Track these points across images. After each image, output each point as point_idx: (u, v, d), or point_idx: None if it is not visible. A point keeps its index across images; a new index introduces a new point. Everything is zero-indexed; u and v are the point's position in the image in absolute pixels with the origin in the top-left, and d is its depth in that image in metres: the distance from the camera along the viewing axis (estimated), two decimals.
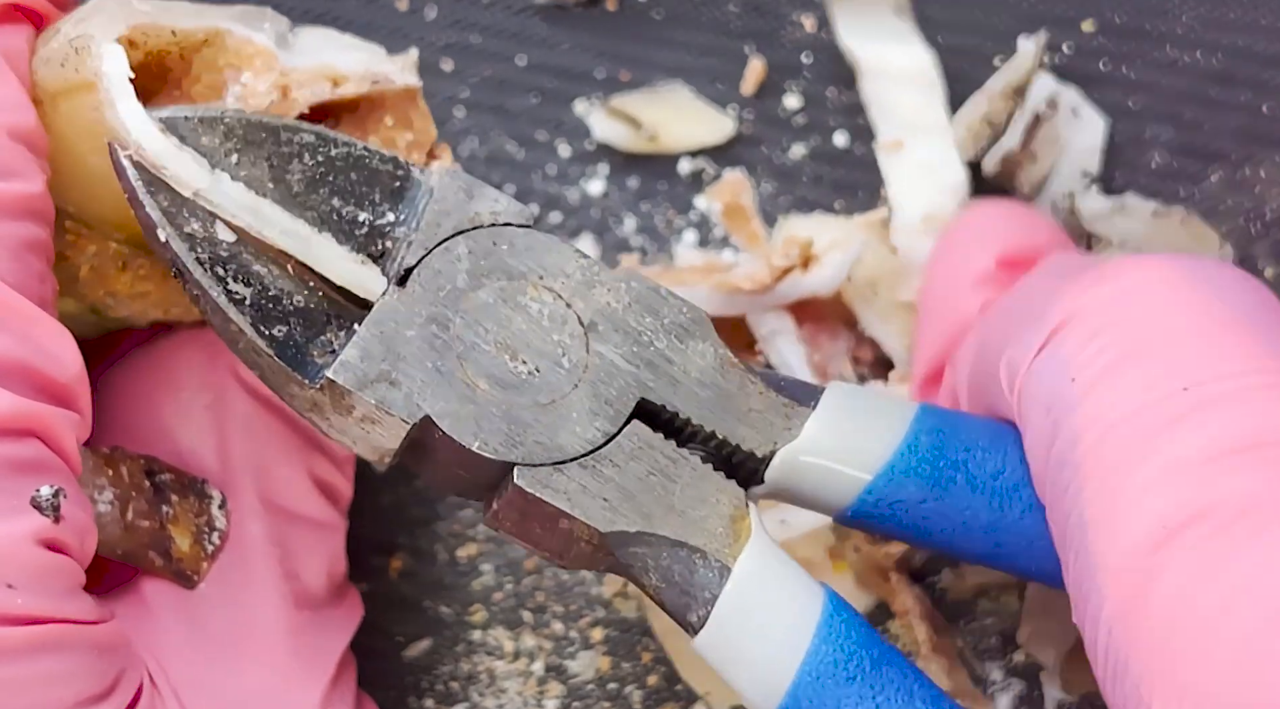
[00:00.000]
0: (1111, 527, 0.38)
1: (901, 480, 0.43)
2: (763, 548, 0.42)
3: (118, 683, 0.40)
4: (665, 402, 0.43)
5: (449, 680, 0.53)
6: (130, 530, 0.44)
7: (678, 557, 0.41)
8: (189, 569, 0.44)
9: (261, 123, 0.42)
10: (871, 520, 0.44)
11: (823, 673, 0.40)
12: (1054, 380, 0.41)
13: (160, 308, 0.46)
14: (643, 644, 0.54)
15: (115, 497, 0.43)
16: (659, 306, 0.44)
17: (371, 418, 0.41)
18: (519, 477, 0.41)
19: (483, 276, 0.43)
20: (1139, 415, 0.38)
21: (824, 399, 0.44)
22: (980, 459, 0.44)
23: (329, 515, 0.47)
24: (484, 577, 0.54)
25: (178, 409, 0.46)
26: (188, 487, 0.45)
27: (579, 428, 0.42)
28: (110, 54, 0.41)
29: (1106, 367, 0.40)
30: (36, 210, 0.40)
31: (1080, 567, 0.39)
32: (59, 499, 0.39)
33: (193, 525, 0.45)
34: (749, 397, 0.43)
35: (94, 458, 0.44)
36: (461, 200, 0.43)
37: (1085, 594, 0.38)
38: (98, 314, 0.46)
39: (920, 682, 0.41)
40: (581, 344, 0.43)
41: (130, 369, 0.47)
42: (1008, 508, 0.43)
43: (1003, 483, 0.43)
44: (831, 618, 0.41)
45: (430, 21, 0.59)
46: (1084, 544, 0.39)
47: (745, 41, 0.58)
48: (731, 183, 0.57)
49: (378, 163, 0.43)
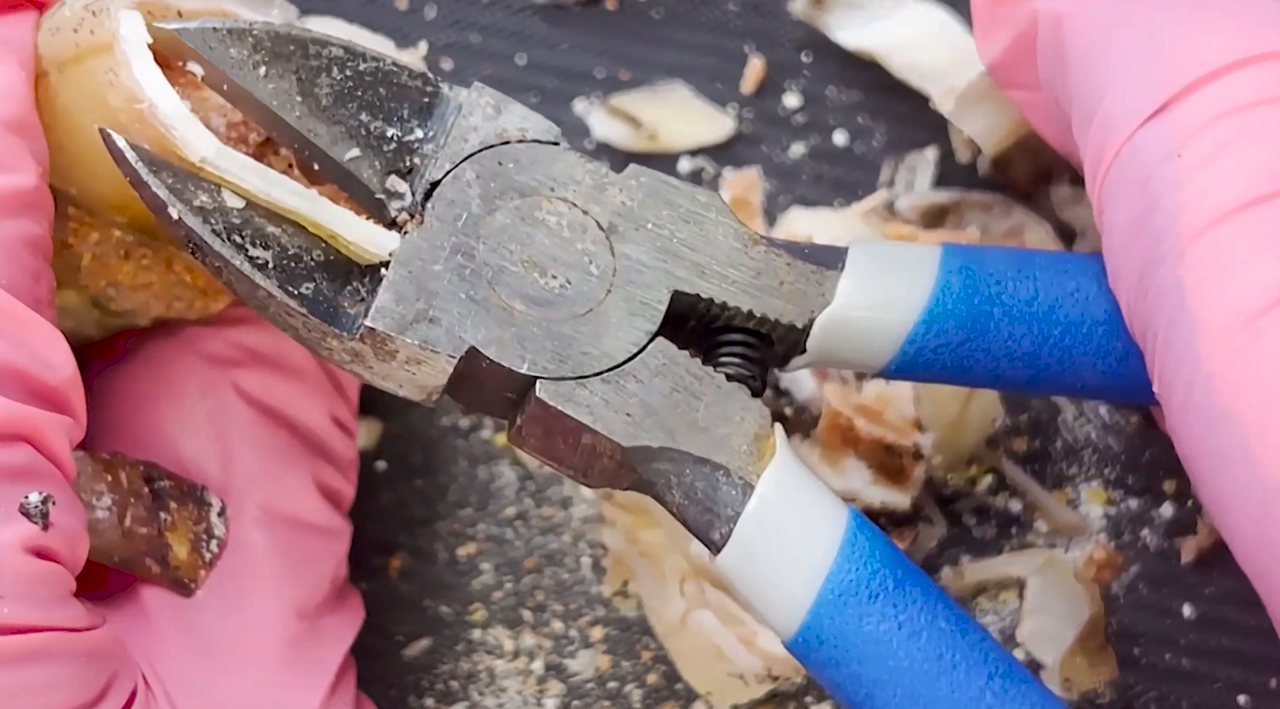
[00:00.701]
0: (1218, 292, 0.37)
1: (940, 323, 0.44)
2: (787, 466, 0.41)
3: (108, 689, 0.40)
4: (698, 290, 0.43)
5: (449, 679, 0.53)
6: (128, 537, 0.43)
7: (701, 474, 0.41)
8: (186, 577, 0.44)
9: (290, 35, 0.42)
10: (915, 369, 0.44)
11: (845, 590, 0.40)
12: (1158, 154, 0.40)
13: (163, 301, 0.46)
14: (643, 643, 0.53)
15: (114, 502, 0.43)
16: (672, 197, 0.44)
17: (417, 359, 0.41)
18: (540, 390, 0.41)
19: (495, 199, 0.43)
20: (1252, 189, 0.38)
21: (850, 258, 0.44)
22: (1012, 289, 0.44)
23: (333, 521, 0.47)
24: (484, 576, 0.54)
25: (179, 416, 0.46)
26: (187, 494, 0.45)
27: (621, 332, 0.42)
28: (128, 17, 0.41)
29: (1221, 145, 0.39)
30: (32, 205, 0.40)
31: (1173, 334, 0.38)
32: (48, 506, 0.38)
33: (191, 533, 0.45)
34: (777, 270, 0.43)
35: (93, 463, 0.43)
36: (490, 115, 0.43)
37: (1179, 358, 0.38)
38: (100, 308, 0.46)
39: (944, 601, 0.41)
40: (606, 249, 0.43)
41: (131, 374, 0.47)
42: (1048, 331, 0.44)
43: (1038, 307, 0.44)
44: (855, 536, 0.41)
45: (430, 21, 0.59)
46: (1181, 308, 0.38)
47: (745, 41, 0.58)
48: (745, 178, 0.57)
49: (406, 78, 0.43)
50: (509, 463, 0.55)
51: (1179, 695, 0.53)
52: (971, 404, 0.53)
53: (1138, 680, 0.53)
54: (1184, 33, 0.41)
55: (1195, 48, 0.40)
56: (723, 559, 0.41)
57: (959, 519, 0.55)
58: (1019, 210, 0.56)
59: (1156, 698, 0.53)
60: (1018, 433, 0.55)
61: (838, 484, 0.51)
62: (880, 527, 0.52)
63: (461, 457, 0.55)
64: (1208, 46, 0.40)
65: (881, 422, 0.51)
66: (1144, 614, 0.54)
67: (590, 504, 0.55)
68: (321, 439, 0.47)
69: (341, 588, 0.48)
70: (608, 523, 0.52)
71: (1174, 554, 0.54)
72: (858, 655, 0.40)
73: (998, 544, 0.55)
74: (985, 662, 0.41)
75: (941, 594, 0.41)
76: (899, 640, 0.40)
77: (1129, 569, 0.54)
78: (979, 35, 0.47)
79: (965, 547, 0.54)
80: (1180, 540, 0.54)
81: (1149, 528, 0.54)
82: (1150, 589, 0.54)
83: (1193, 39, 0.41)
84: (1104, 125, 0.41)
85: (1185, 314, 0.38)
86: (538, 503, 0.55)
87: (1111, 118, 0.41)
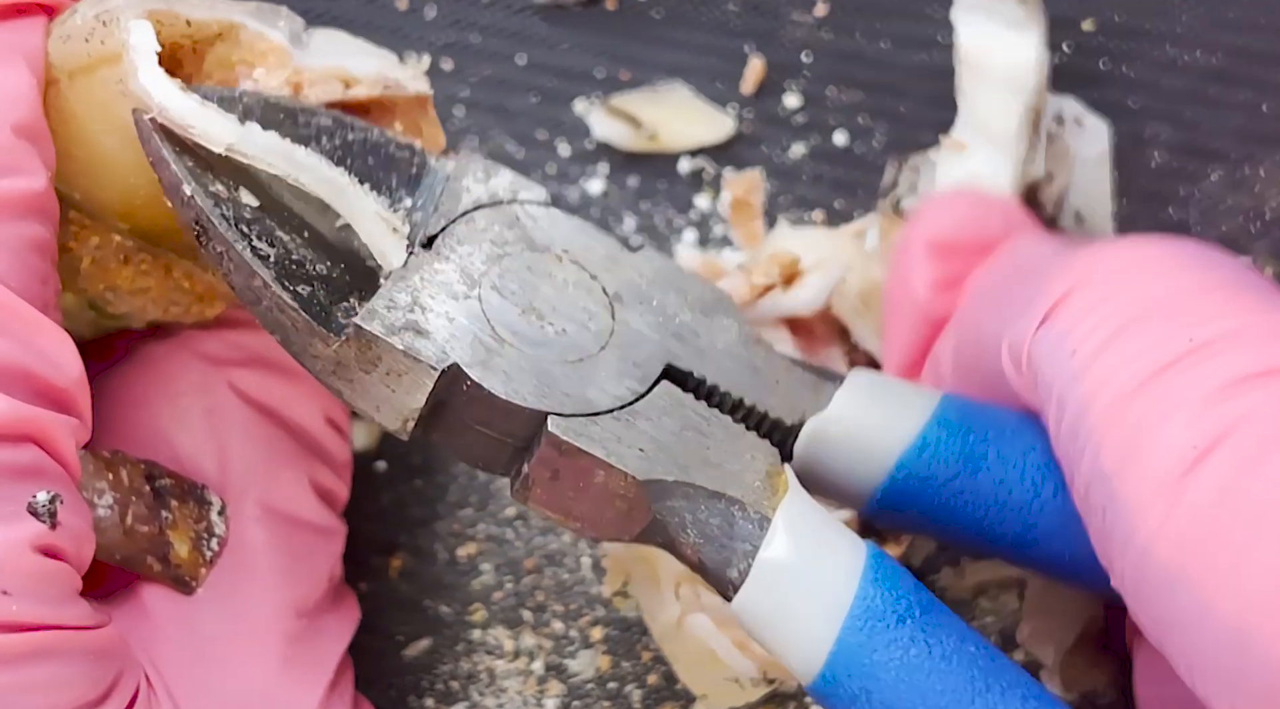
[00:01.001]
0: (1137, 467, 0.38)
1: (932, 454, 0.43)
2: (801, 500, 0.41)
3: (114, 687, 0.40)
4: (692, 368, 0.43)
5: (449, 680, 0.53)
6: (129, 535, 0.44)
7: (715, 509, 0.41)
8: (187, 575, 0.44)
9: (279, 104, 0.42)
10: (901, 505, 0.44)
11: (871, 617, 0.40)
12: (1055, 356, 0.41)
13: (160, 305, 0.46)
14: (642, 643, 0.54)
15: (115, 501, 0.43)
16: (682, 284, 0.44)
17: (398, 370, 0.40)
18: (553, 425, 0.40)
19: (507, 245, 0.43)
20: (1147, 368, 0.39)
21: (850, 379, 0.44)
22: (1010, 436, 0.43)
23: (329, 521, 0.47)
24: (484, 576, 0.54)
25: (176, 414, 0.46)
26: (188, 492, 0.45)
27: (608, 385, 0.42)
28: (138, 27, 0.41)
29: (1109, 336, 0.40)
30: (39, 208, 0.40)
31: (1110, 517, 0.38)
32: (55, 505, 0.38)
33: (192, 531, 0.45)
34: (775, 370, 0.44)
35: (94, 461, 0.44)
36: (480, 179, 0.44)
37: (1119, 540, 0.38)
38: (96, 310, 0.46)
39: (968, 628, 0.41)
40: (607, 312, 0.43)
41: (128, 373, 0.47)
42: (1041, 484, 0.43)
43: (1034, 459, 0.43)
44: (877, 565, 0.41)
45: (430, 21, 0.59)
46: (1110, 494, 0.38)
47: (745, 41, 0.58)
48: (747, 178, 0.57)
49: (394, 149, 0.43)
50: None
51: None
52: None
53: None
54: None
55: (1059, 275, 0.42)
56: (741, 599, 0.41)
57: None
58: None
59: None
60: None
61: None
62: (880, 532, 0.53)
63: None
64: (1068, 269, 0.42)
65: None
66: None
67: None
68: (316, 439, 0.48)
69: (338, 587, 0.48)
70: None
71: None
72: (889, 683, 0.40)
73: None
74: (1016, 684, 0.40)
75: (962, 622, 0.41)
76: (931, 665, 0.40)
77: None
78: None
79: None
80: None
81: None
82: None
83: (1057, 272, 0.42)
84: (1010, 344, 0.43)
85: (1114, 499, 0.38)
86: None
87: (1014, 337, 0.43)
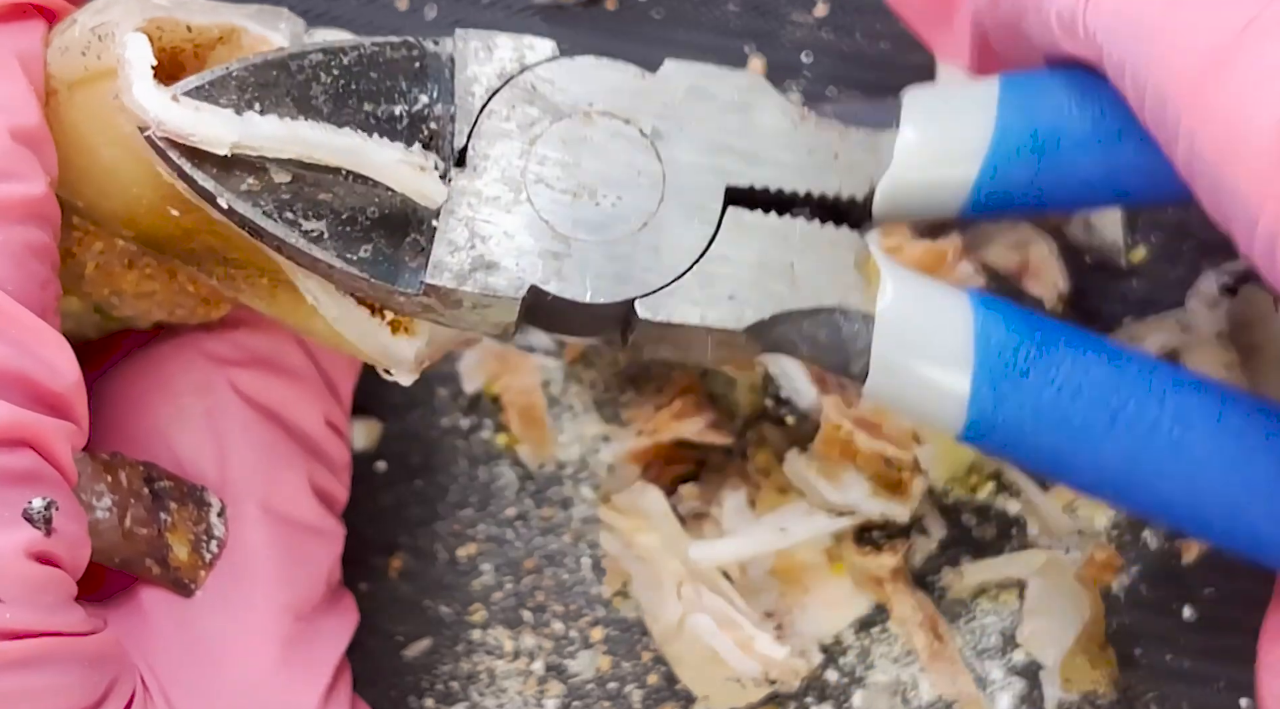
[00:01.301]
0: (1240, 156, 0.36)
1: (1006, 164, 0.43)
2: (895, 277, 0.41)
3: (109, 693, 0.40)
4: (752, 181, 0.42)
5: (449, 680, 0.53)
6: (128, 537, 0.44)
7: (819, 322, 0.41)
8: (186, 577, 0.44)
9: (267, 62, 0.42)
10: (990, 210, 0.43)
11: (995, 372, 0.40)
12: (1117, 26, 0.39)
13: (165, 308, 0.46)
14: (643, 643, 0.54)
15: (114, 503, 0.43)
16: (713, 87, 0.43)
17: (482, 304, 0.41)
18: (642, 310, 0.41)
19: (533, 126, 0.42)
20: (1227, 30, 0.37)
21: (904, 113, 0.43)
22: (1077, 113, 0.43)
23: (327, 523, 0.47)
24: (484, 576, 0.54)
25: (176, 415, 0.46)
26: (187, 494, 0.45)
27: (681, 238, 0.42)
28: (134, 41, 0.41)
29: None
30: (39, 213, 0.40)
31: (1226, 202, 0.37)
32: (51, 511, 0.38)
33: (191, 533, 0.45)
34: (830, 143, 0.43)
35: (93, 463, 0.44)
36: (481, 60, 0.43)
37: (1241, 222, 0.37)
38: (101, 313, 0.46)
39: (1094, 346, 0.41)
40: (652, 156, 0.42)
41: (129, 373, 0.47)
42: (1118, 149, 0.43)
43: (1106, 127, 0.43)
44: (986, 319, 0.41)
45: (430, 21, 0.59)
46: (1216, 182, 0.37)
47: (745, 41, 0.58)
48: None
49: (390, 52, 0.43)
50: (509, 463, 0.55)
51: (1179, 696, 0.53)
52: None
53: (1138, 681, 0.53)
54: None
55: None
56: (868, 389, 0.42)
57: (959, 520, 0.55)
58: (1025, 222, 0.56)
59: (1157, 698, 0.53)
60: None
61: (836, 496, 0.51)
62: (878, 537, 0.53)
63: (461, 457, 0.55)
64: None
65: (880, 434, 0.51)
66: (1144, 615, 0.54)
67: (590, 505, 0.55)
68: (316, 441, 0.48)
69: (336, 590, 0.48)
70: (605, 527, 0.52)
71: (1174, 555, 0.54)
72: (1031, 428, 0.41)
73: (998, 545, 0.55)
74: (1151, 389, 0.40)
75: (1088, 337, 0.41)
76: (1063, 402, 0.40)
77: (1129, 570, 0.54)
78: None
79: (966, 548, 0.54)
80: (1180, 541, 0.54)
81: (1149, 529, 0.54)
82: (1150, 590, 0.54)
83: None
84: (1059, 11, 0.41)
85: (1224, 189, 0.37)
86: (538, 503, 0.55)
87: (1061, 4, 0.41)
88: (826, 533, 0.52)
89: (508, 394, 0.56)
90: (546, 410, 0.55)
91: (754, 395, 0.55)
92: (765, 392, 0.53)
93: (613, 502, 0.52)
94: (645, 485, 0.52)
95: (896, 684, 0.53)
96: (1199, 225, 0.56)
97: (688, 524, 0.53)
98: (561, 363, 0.56)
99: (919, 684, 0.53)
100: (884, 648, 0.54)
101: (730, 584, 0.51)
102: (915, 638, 0.52)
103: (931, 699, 0.53)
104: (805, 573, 0.53)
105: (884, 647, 0.54)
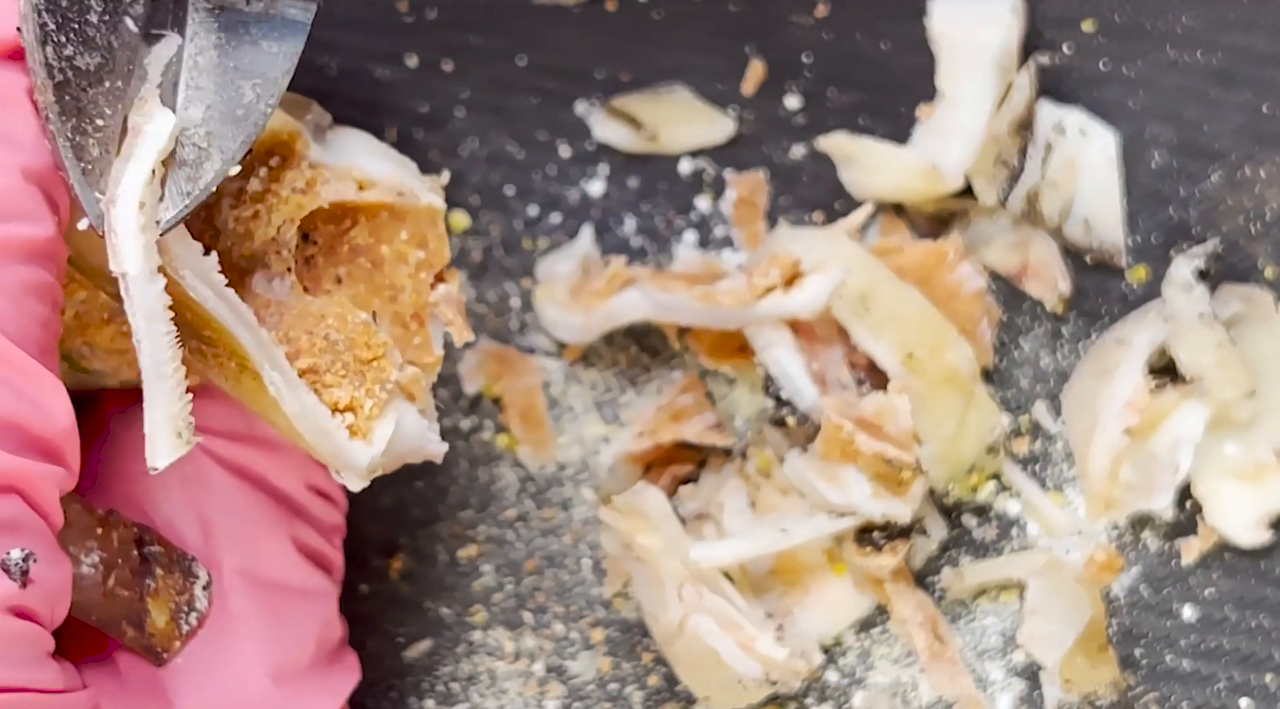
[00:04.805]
0: None
1: None
2: None
3: None
4: None
5: (449, 681, 0.53)
6: (109, 597, 0.43)
7: None
8: (159, 645, 0.44)
9: None
10: None
11: None
12: None
13: (135, 368, 0.45)
14: (643, 645, 0.54)
15: (101, 561, 0.43)
16: None
17: None
18: None
19: None
20: None
21: None
22: None
23: (316, 582, 0.47)
24: (484, 577, 0.54)
25: (156, 481, 0.45)
26: (175, 562, 0.45)
27: None
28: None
29: None
30: (44, 254, 0.39)
31: None
32: (29, 563, 0.38)
33: (172, 602, 0.44)
34: None
35: (88, 518, 0.43)
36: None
37: None
38: (69, 361, 0.46)
39: None
40: None
41: (112, 434, 0.47)
42: None
43: None
44: None
45: (430, 21, 0.59)
46: None
47: (745, 41, 0.58)
48: (751, 178, 0.57)
49: None
50: (510, 465, 0.55)
51: (1179, 696, 0.53)
52: (970, 415, 0.53)
53: (1138, 681, 0.53)
54: None
55: None
56: None
57: (959, 521, 0.55)
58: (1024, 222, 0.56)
59: (1157, 699, 0.53)
60: (1019, 434, 0.55)
61: (837, 497, 0.51)
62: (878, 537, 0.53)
63: (462, 458, 0.55)
64: None
65: (880, 435, 0.51)
66: (1144, 615, 0.54)
67: (591, 506, 0.55)
68: (300, 504, 0.47)
69: (335, 650, 0.47)
70: (605, 528, 0.52)
71: (1174, 555, 0.54)
72: None
73: (998, 546, 0.55)
74: None
75: None
76: None
77: (1129, 570, 0.54)
78: None
79: (966, 548, 0.54)
80: (1180, 542, 0.54)
81: (1149, 529, 0.54)
82: (1151, 590, 0.54)
83: None
84: None
85: None
86: (538, 504, 0.55)
87: None
88: (827, 534, 0.52)
89: (508, 395, 0.56)
90: (547, 411, 0.56)
91: (754, 396, 0.55)
92: (765, 392, 0.53)
93: (613, 503, 0.52)
94: (646, 486, 0.52)
95: (897, 685, 0.53)
96: (1199, 225, 0.56)
97: (688, 525, 0.53)
98: (562, 364, 0.56)
99: (919, 685, 0.53)
100: (884, 649, 0.54)
101: (731, 585, 0.51)
102: (916, 639, 0.52)
103: (931, 700, 0.53)
104: (806, 574, 0.53)
105: (884, 647, 0.54)
